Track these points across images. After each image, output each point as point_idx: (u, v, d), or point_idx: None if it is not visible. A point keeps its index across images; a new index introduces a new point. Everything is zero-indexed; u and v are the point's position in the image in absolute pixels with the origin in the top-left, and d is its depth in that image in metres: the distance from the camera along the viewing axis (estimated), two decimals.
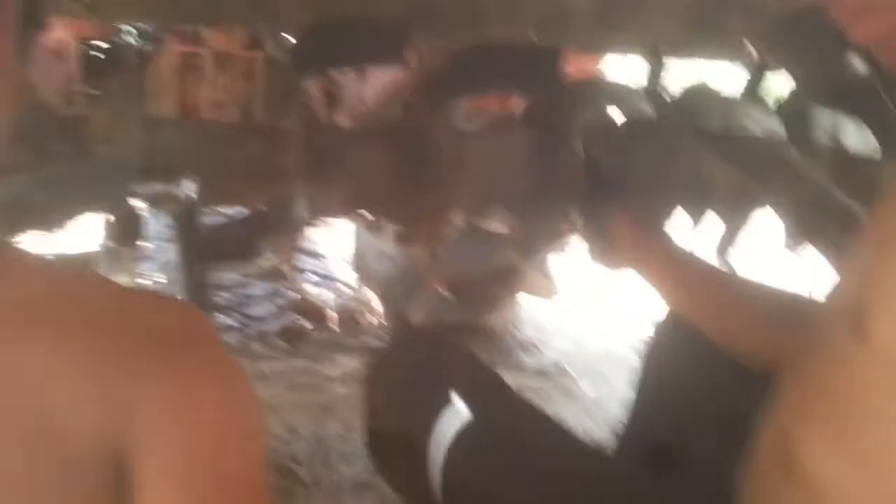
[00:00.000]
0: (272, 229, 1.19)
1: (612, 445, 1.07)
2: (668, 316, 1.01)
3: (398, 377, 0.98)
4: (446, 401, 0.91)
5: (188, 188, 0.94)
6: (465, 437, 0.88)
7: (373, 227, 2.05)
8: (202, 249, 1.18)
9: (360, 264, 2.30)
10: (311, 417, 1.66)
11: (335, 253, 2.75)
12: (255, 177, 1.00)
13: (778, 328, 0.78)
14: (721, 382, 0.93)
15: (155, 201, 0.97)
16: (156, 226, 1.11)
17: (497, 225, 1.22)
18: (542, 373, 2.01)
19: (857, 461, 0.53)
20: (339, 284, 2.48)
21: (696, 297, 0.94)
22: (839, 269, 0.60)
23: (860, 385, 0.53)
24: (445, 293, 1.95)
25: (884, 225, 0.55)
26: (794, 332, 0.66)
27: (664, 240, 1.00)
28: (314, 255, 2.79)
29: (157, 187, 0.93)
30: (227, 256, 1.34)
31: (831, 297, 0.63)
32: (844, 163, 1.37)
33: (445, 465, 0.88)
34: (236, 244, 1.27)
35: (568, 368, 2.07)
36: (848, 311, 0.54)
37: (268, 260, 1.38)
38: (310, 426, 1.61)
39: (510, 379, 1.01)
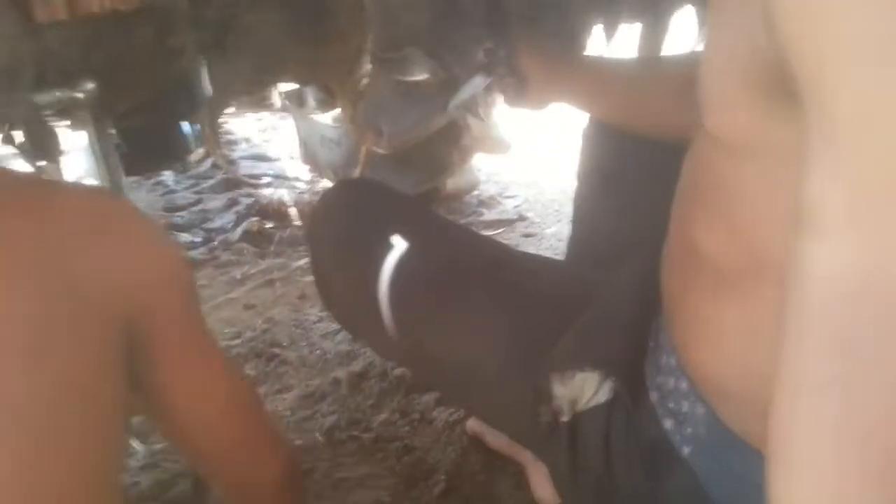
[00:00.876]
0: (185, 114, 1.17)
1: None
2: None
3: (335, 216, 0.99)
4: (386, 236, 0.93)
5: (90, 90, 0.92)
6: (407, 267, 0.89)
7: (293, 101, 2.02)
8: (129, 157, 1.16)
9: (308, 155, 2.28)
10: (290, 307, 1.69)
11: (283, 152, 2.72)
12: (153, 63, 0.97)
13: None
14: (650, 173, 0.95)
15: (62, 111, 0.95)
16: (70, 138, 1.09)
17: (417, 73, 1.20)
18: (503, 221, 2.05)
19: (733, 238, 0.54)
20: (293, 182, 2.47)
21: (617, 100, 0.94)
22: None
23: (713, 170, 0.55)
24: (396, 162, 1.95)
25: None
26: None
27: (576, 68, 0.97)
28: (264, 158, 2.76)
29: (58, 94, 0.91)
30: (157, 159, 1.32)
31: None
32: None
33: (391, 298, 0.89)
34: (160, 143, 1.25)
35: (528, 214, 2.11)
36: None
37: (198, 154, 1.36)
38: (289, 315, 1.64)
39: None
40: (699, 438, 0.63)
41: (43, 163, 1.04)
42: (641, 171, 0.95)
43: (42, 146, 1.04)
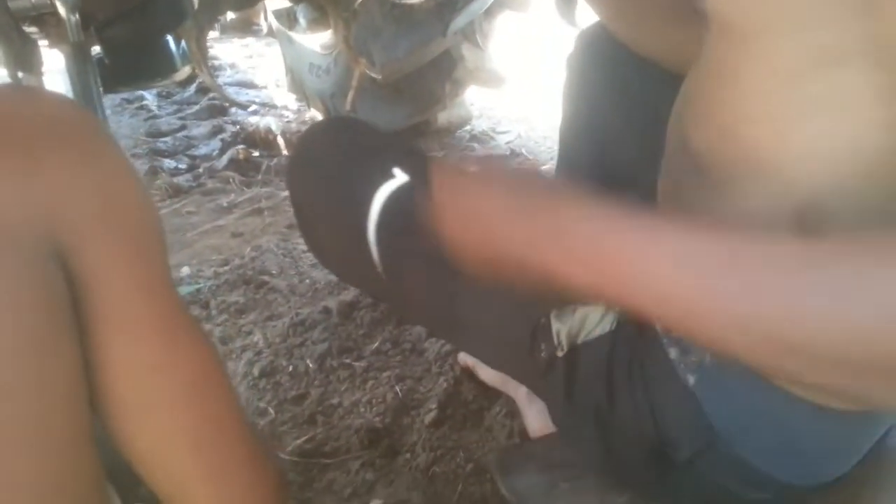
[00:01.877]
0: (171, 25, 1.11)
1: None
2: (588, 28, 0.98)
3: (318, 154, 0.96)
4: (371, 175, 0.90)
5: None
6: (396, 207, 0.86)
7: (283, 21, 1.94)
8: (111, 70, 1.11)
9: (295, 83, 2.22)
10: (278, 236, 1.67)
11: (270, 80, 2.65)
12: None
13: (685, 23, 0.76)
14: (643, 90, 0.93)
15: (38, 21, 0.89)
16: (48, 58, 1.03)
17: None
18: (496, 157, 2.02)
19: (725, 133, 0.54)
20: (280, 111, 2.41)
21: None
22: None
23: (716, 61, 0.54)
24: (388, 92, 1.90)
25: None
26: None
27: None
28: (250, 85, 2.69)
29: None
30: (141, 73, 1.27)
31: None
32: None
33: (379, 239, 0.86)
34: (144, 57, 1.20)
35: (521, 150, 2.08)
36: None
37: (183, 73, 1.31)
38: (277, 244, 1.62)
39: None
40: (704, 367, 0.62)
41: (22, 75, 0.99)
42: (624, 102, 0.93)
43: (21, 58, 0.98)
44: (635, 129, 0.90)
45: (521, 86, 2.30)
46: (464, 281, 0.83)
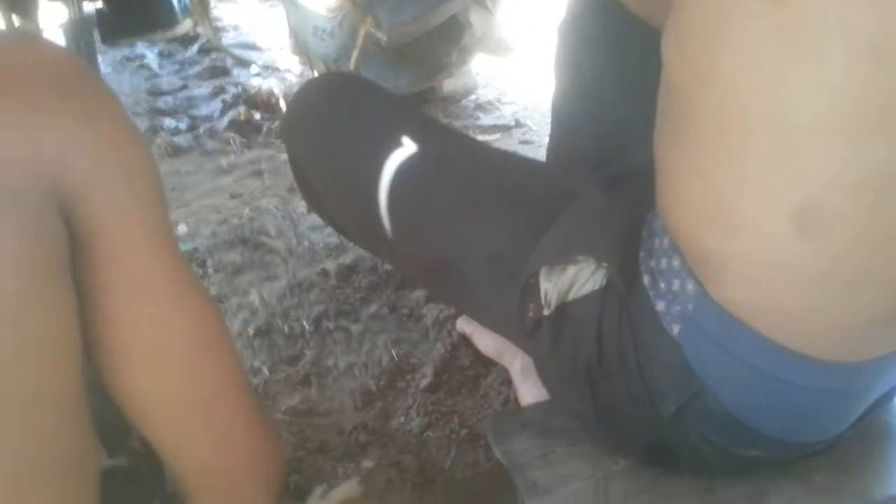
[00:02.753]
0: None
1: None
2: None
3: (316, 109, 0.94)
4: (370, 131, 0.89)
5: None
6: (395, 163, 0.86)
7: None
8: (110, 19, 1.08)
9: (298, 46, 2.18)
10: (278, 199, 1.65)
11: (273, 42, 2.61)
12: None
13: None
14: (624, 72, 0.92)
15: None
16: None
17: None
18: (500, 127, 1.99)
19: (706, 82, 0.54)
20: (283, 73, 2.37)
21: None
22: None
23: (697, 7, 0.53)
24: (393, 57, 1.86)
25: None
26: None
27: None
28: (253, 48, 2.65)
29: None
30: (141, 23, 1.24)
31: None
32: None
33: (379, 194, 0.86)
34: (144, 6, 1.17)
35: (526, 121, 2.05)
36: None
37: (185, 26, 1.28)
38: (276, 206, 1.60)
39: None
40: (688, 316, 0.61)
41: (18, 20, 0.96)
42: (617, 65, 0.92)
43: (16, 1, 0.96)
44: (630, 91, 0.88)
45: (528, 55, 2.27)
46: (462, 243, 0.82)
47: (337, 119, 0.93)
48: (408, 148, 0.88)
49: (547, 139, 1.85)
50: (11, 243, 0.42)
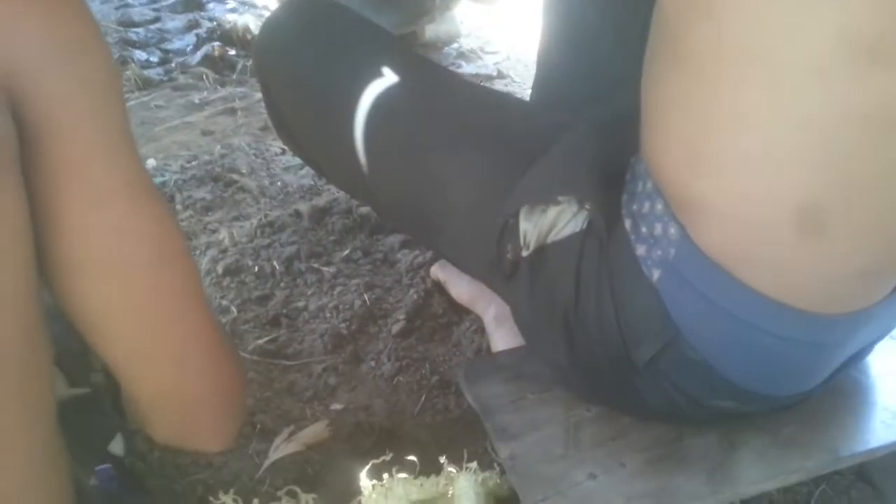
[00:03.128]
0: None
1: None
2: None
3: (289, 35, 0.90)
4: (348, 59, 0.85)
5: None
6: (375, 95, 0.83)
7: None
8: None
9: None
10: (251, 137, 1.60)
11: None
12: None
13: None
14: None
15: None
16: None
17: None
18: (482, 77, 1.95)
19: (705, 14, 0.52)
20: (259, 10, 2.29)
21: None
22: None
23: None
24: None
25: None
26: None
27: None
28: None
29: None
30: None
31: None
32: None
33: (356, 128, 0.83)
34: None
35: (509, 72, 2.01)
36: None
37: None
38: (249, 144, 1.55)
39: None
40: (668, 261, 0.61)
41: None
42: (604, 9, 0.90)
43: None
44: (617, 33, 0.86)
45: (513, 5, 2.22)
46: (440, 180, 0.80)
47: (311, 46, 0.89)
48: (386, 79, 0.84)
49: (528, 90, 1.82)
50: None
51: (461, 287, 1.06)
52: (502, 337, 0.96)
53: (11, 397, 0.43)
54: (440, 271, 1.11)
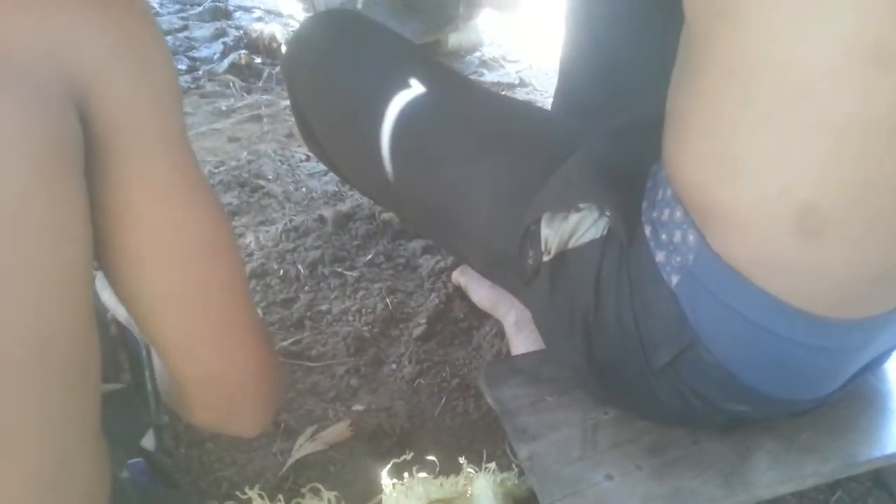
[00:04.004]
0: None
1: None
2: None
3: (317, 45, 0.93)
4: (374, 69, 0.87)
5: None
6: (400, 103, 0.86)
7: None
8: None
9: None
10: (277, 144, 1.63)
11: None
12: None
13: None
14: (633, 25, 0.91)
15: None
16: None
17: None
18: (504, 85, 1.97)
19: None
20: (285, 19, 2.33)
21: None
22: None
23: None
24: (400, 6, 1.83)
25: None
26: None
27: None
28: None
29: None
30: None
31: None
32: None
33: (382, 135, 0.86)
34: None
35: (531, 81, 2.02)
36: None
37: None
38: (275, 151, 1.58)
39: None
40: (687, 267, 0.62)
41: None
42: (628, 17, 0.91)
43: None
44: (641, 41, 0.88)
45: (535, 14, 2.23)
46: (464, 186, 0.82)
47: (338, 57, 0.91)
48: (411, 88, 0.87)
49: (550, 100, 1.83)
50: (19, 126, 0.40)
51: (482, 292, 1.08)
52: (522, 341, 0.97)
53: (68, 380, 0.46)
54: (461, 276, 1.13)
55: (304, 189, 1.43)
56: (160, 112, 0.47)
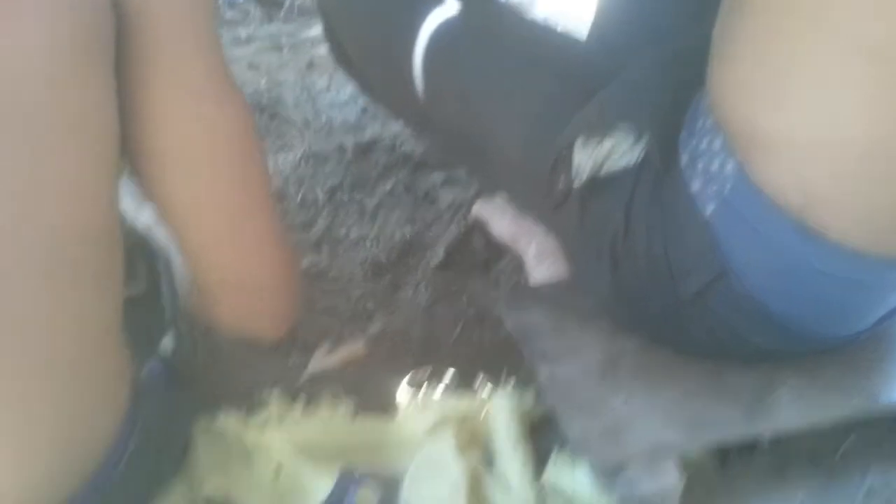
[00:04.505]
0: None
1: None
2: None
3: None
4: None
5: None
6: (439, 27, 0.84)
7: None
8: None
9: None
10: (297, 73, 1.60)
11: None
12: None
13: None
14: None
15: None
16: None
17: None
18: None
19: None
20: None
21: None
22: None
23: None
24: None
25: None
26: None
27: None
28: None
29: None
30: None
31: None
32: None
33: (418, 56, 0.84)
34: None
35: (557, 24, 1.98)
36: None
37: None
38: (295, 80, 1.56)
39: None
40: (723, 196, 0.61)
41: None
42: None
43: None
44: None
45: None
46: (497, 109, 0.80)
47: None
48: (445, 9, 0.85)
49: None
50: (48, 5, 0.40)
51: (503, 224, 1.06)
52: (542, 273, 0.96)
53: (87, 279, 0.45)
54: (482, 208, 1.11)
55: (323, 118, 1.41)
56: (191, 11, 0.48)
